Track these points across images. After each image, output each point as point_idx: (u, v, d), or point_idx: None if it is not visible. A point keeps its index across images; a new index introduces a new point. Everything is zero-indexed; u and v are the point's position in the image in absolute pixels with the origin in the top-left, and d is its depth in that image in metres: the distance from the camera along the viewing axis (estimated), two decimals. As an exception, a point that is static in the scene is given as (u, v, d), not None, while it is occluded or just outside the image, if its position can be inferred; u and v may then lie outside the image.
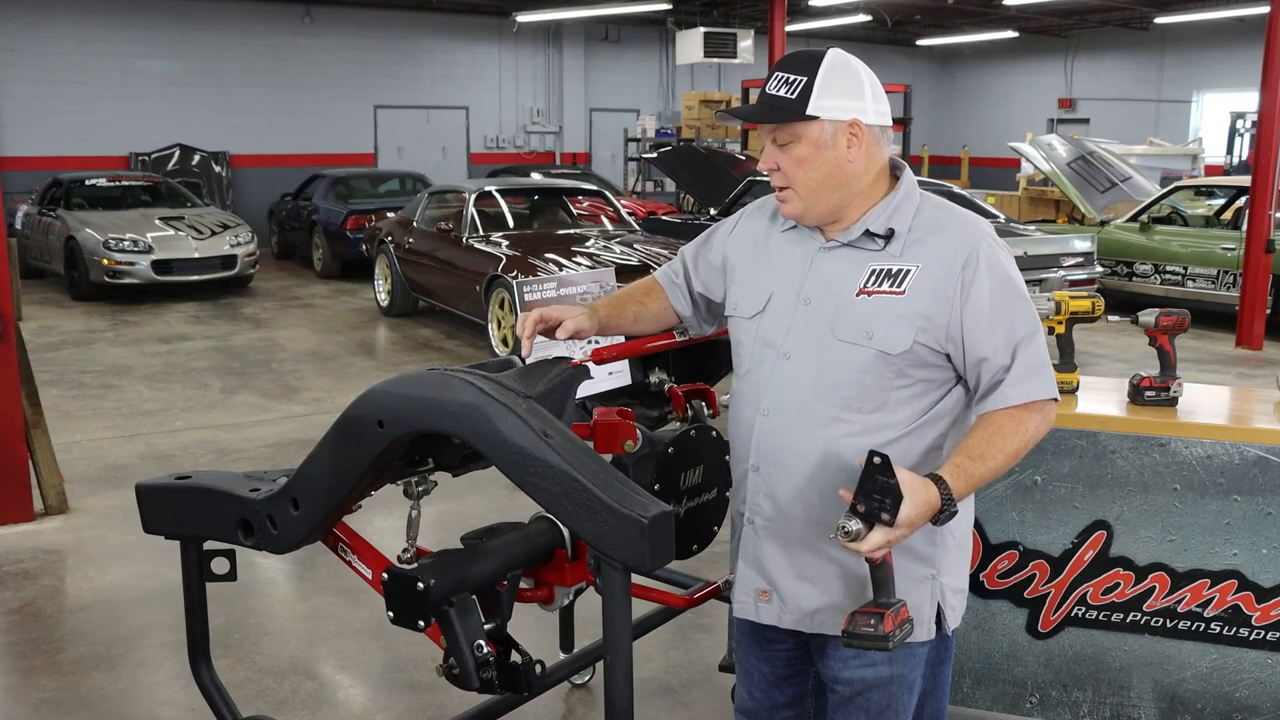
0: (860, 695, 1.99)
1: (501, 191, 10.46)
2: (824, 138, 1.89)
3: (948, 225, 1.92)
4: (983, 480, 1.85)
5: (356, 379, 8.03)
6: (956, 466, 1.82)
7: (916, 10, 18.98)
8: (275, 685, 3.61)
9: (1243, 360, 9.11)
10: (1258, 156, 9.50)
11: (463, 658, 2.02)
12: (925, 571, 1.96)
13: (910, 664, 1.98)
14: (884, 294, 1.89)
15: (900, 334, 1.87)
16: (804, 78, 1.88)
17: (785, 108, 1.89)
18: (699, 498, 2.54)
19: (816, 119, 1.88)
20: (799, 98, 1.88)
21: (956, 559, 2.00)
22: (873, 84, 1.95)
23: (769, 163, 1.95)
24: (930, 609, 1.97)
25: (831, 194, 1.92)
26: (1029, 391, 1.86)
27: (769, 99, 1.92)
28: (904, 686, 1.99)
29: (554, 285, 2.56)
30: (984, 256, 1.87)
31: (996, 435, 1.85)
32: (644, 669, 3.60)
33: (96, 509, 5.26)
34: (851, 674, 1.98)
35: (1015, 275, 1.91)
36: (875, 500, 1.72)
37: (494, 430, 1.82)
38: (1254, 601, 2.82)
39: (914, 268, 1.89)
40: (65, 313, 10.94)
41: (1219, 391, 3.40)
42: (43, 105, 15.66)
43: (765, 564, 2.03)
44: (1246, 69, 14.48)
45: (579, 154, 20.15)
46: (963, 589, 2.04)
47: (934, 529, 1.89)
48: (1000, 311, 1.86)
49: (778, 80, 1.91)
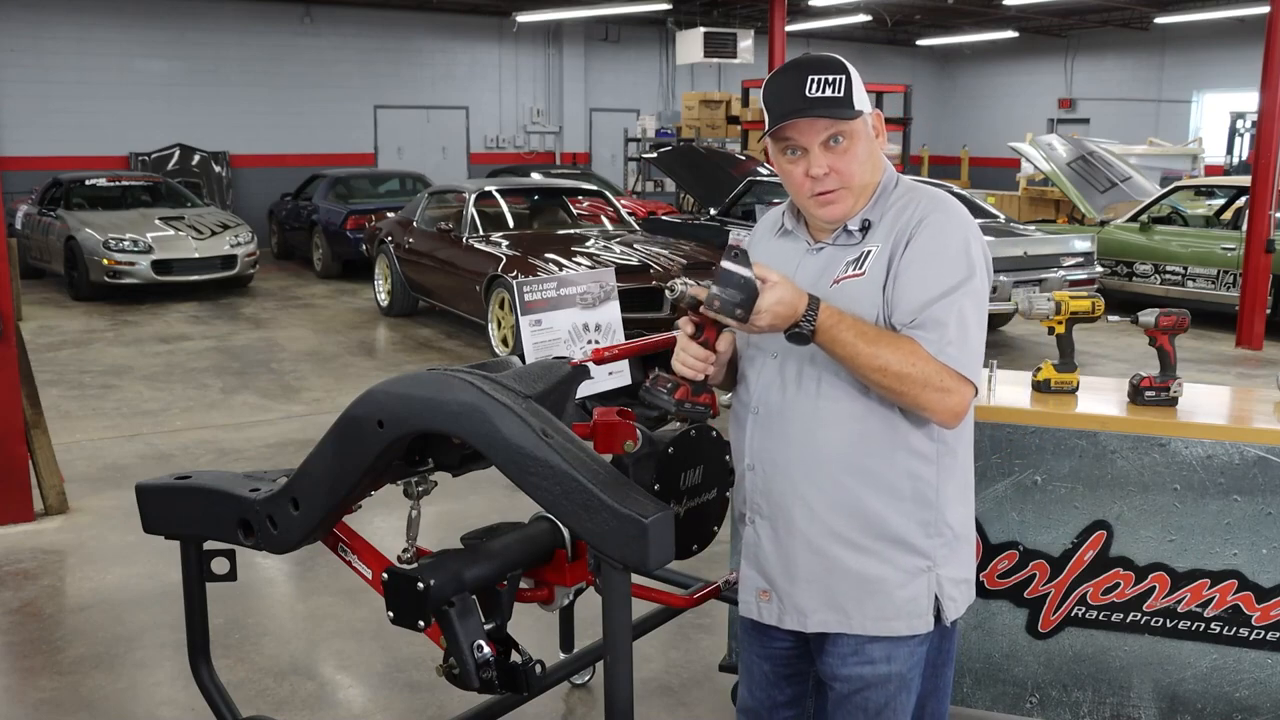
0: (858, 693, 1.99)
1: (501, 191, 10.46)
2: (867, 130, 1.95)
3: (911, 204, 1.94)
4: (849, 346, 1.81)
5: (356, 379, 8.03)
6: (840, 312, 1.82)
7: (916, 10, 18.98)
8: (275, 685, 3.61)
9: (1243, 360, 9.10)
10: (1258, 156, 9.50)
11: (463, 658, 2.02)
12: (920, 564, 1.95)
13: (909, 662, 1.98)
14: (850, 278, 1.93)
15: (865, 314, 1.87)
16: (842, 76, 1.91)
17: (840, 105, 1.91)
18: (699, 498, 2.54)
19: (862, 113, 1.94)
20: (846, 94, 1.91)
21: (955, 549, 1.99)
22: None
23: (820, 166, 1.93)
24: (927, 600, 1.96)
25: (871, 183, 1.97)
26: (920, 337, 1.83)
27: (820, 100, 1.90)
28: (902, 685, 1.98)
29: (554, 285, 2.56)
30: (930, 222, 1.89)
31: (886, 335, 1.83)
32: (644, 669, 3.60)
33: (96, 509, 5.26)
34: (849, 671, 1.98)
35: (956, 241, 1.88)
36: (730, 294, 1.75)
37: (494, 430, 1.82)
38: (1254, 601, 2.82)
39: (874, 248, 1.92)
40: (65, 313, 10.94)
41: (1219, 391, 3.40)
42: (42, 105, 15.65)
43: (764, 563, 2.03)
44: (1246, 69, 14.48)
45: (579, 154, 20.15)
46: (965, 579, 2.03)
47: (930, 520, 1.93)
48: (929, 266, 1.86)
49: (818, 83, 1.91)
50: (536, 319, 2.48)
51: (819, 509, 1.95)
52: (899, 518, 1.93)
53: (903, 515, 1.94)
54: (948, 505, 1.97)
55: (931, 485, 1.94)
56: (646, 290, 7.96)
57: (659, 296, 8.11)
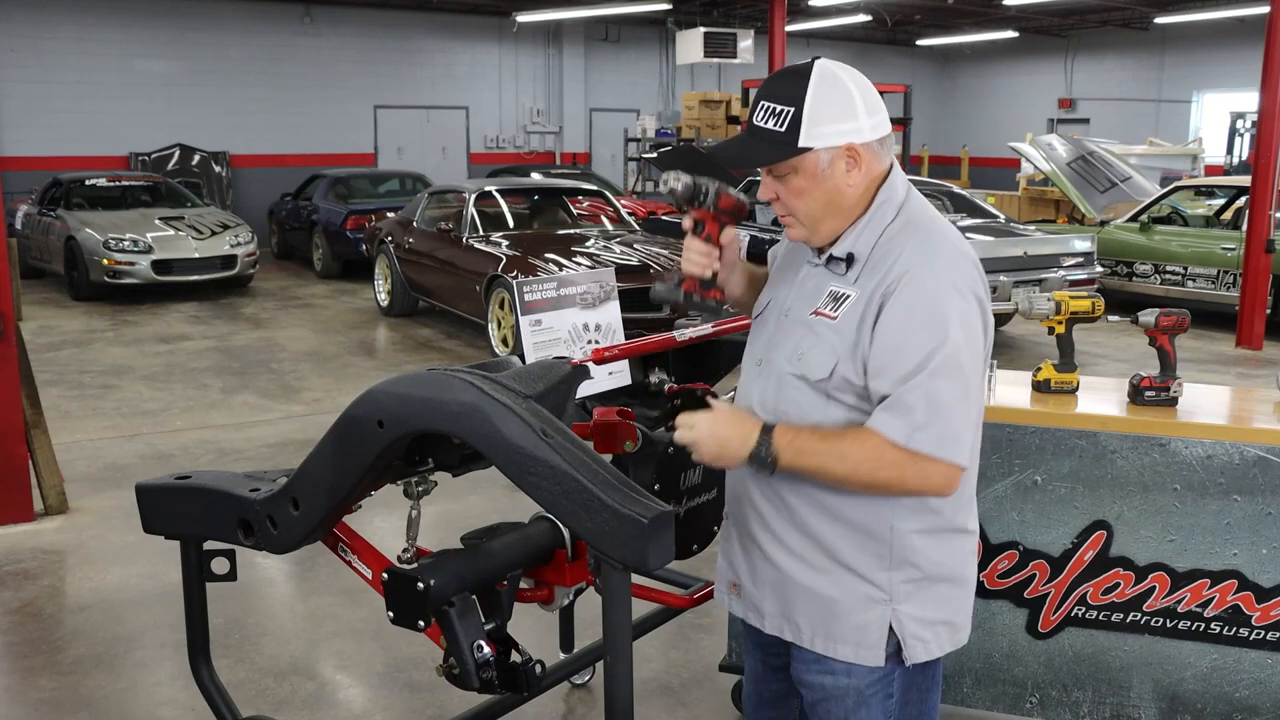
0: (820, 703, 1.94)
1: (501, 191, 10.46)
2: (821, 167, 1.80)
3: (897, 250, 1.79)
4: (817, 470, 1.76)
5: (356, 379, 8.03)
6: (796, 432, 1.77)
7: (916, 10, 18.98)
8: (275, 685, 3.61)
9: (1243, 360, 9.10)
10: (1258, 156, 9.49)
11: (463, 658, 2.02)
12: (874, 594, 1.85)
13: (868, 679, 1.88)
14: (823, 317, 1.82)
15: (822, 360, 1.80)
16: (791, 108, 1.77)
17: (777, 142, 1.78)
18: (699, 498, 2.54)
19: (811, 149, 1.78)
20: (789, 130, 1.77)
21: (924, 589, 1.85)
22: (864, 94, 1.81)
23: (767, 193, 1.87)
24: (879, 633, 1.84)
25: (835, 219, 1.84)
26: (887, 424, 1.71)
27: (758, 133, 1.80)
28: (860, 701, 1.89)
29: (554, 285, 2.56)
30: (909, 280, 1.74)
31: (849, 441, 1.74)
32: (644, 669, 3.60)
33: (96, 509, 5.26)
34: (811, 679, 1.93)
35: (927, 304, 1.73)
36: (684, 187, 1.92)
37: (494, 430, 1.82)
38: (1254, 601, 2.82)
39: (853, 293, 1.80)
40: (65, 313, 10.94)
41: (1219, 391, 3.40)
42: (42, 105, 15.65)
43: (733, 559, 2.04)
44: (1246, 69, 14.48)
45: (579, 154, 20.15)
46: (942, 621, 1.88)
47: (883, 554, 1.83)
48: (901, 335, 1.72)
49: (764, 111, 1.80)
50: (536, 319, 2.48)
51: (770, 522, 1.91)
52: (847, 545, 1.85)
53: (852, 545, 1.84)
54: (909, 543, 1.83)
55: (884, 521, 1.82)
56: (646, 290, 7.95)
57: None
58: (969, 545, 1.93)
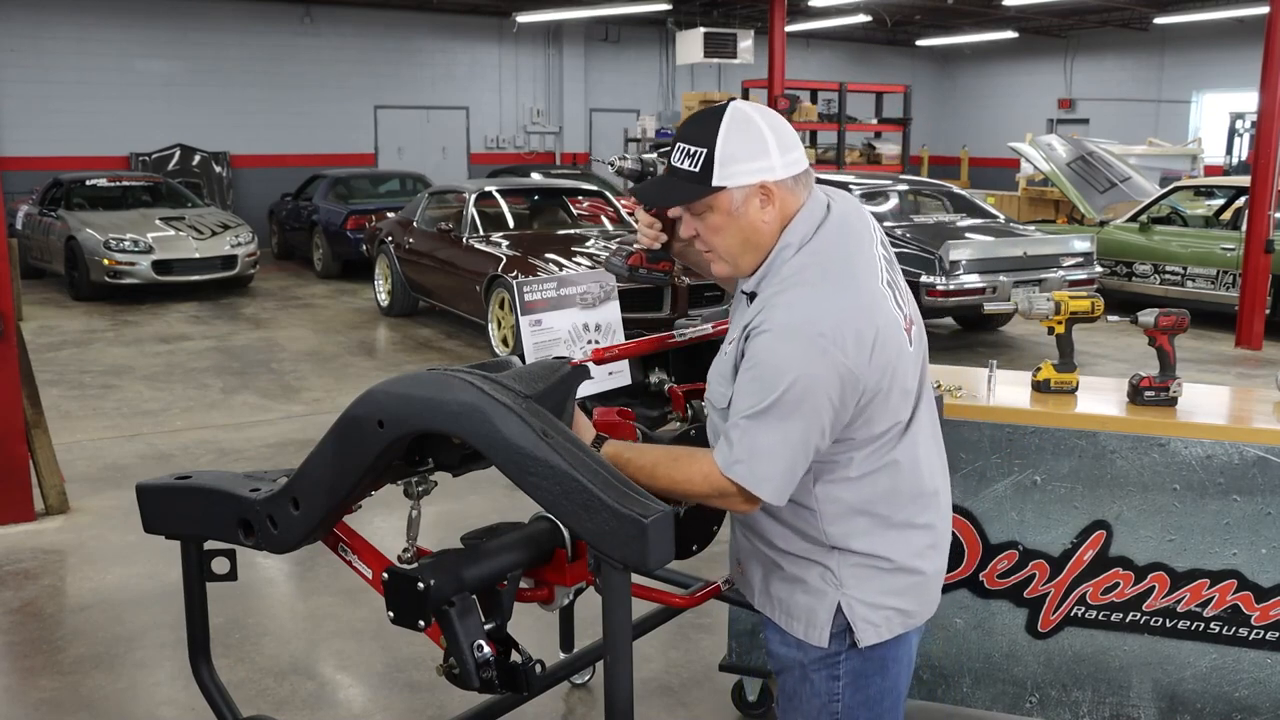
0: (779, 672, 2.06)
1: (501, 192, 10.47)
2: (734, 205, 1.86)
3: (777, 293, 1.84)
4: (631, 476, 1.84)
5: (356, 379, 8.04)
6: (624, 445, 1.98)
7: (916, 10, 18.98)
8: (275, 685, 3.61)
9: (1242, 360, 9.11)
10: (1257, 156, 9.50)
11: (463, 658, 2.02)
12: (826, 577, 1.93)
13: (813, 654, 1.96)
14: (726, 348, 1.95)
15: (719, 391, 1.92)
16: (704, 149, 1.84)
17: (692, 181, 1.86)
18: (699, 498, 2.53)
19: (724, 189, 1.85)
20: (703, 170, 1.85)
21: (870, 578, 1.93)
22: (778, 133, 1.86)
23: (688, 231, 1.96)
24: (826, 615, 1.93)
25: (753, 254, 1.91)
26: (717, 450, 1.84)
27: (676, 172, 1.90)
28: (804, 676, 1.98)
29: (554, 285, 2.56)
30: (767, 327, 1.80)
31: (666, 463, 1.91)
32: (644, 669, 3.61)
33: (97, 509, 5.26)
34: (774, 649, 2.04)
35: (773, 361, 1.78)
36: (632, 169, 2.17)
37: (494, 430, 1.82)
38: (1253, 601, 2.82)
39: (739, 329, 1.89)
40: (65, 313, 10.94)
41: (1219, 391, 3.40)
42: (42, 105, 15.66)
43: (737, 539, 2.14)
44: (1246, 69, 14.48)
45: (579, 154, 20.15)
46: (895, 608, 1.94)
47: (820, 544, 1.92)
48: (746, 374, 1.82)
49: (680, 152, 1.88)
50: (536, 319, 2.47)
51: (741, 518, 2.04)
52: (782, 535, 1.96)
53: (785, 537, 1.96)
54: (845, 539, 1.91)
55: (812, 523, 1.92)
56: (646, 290, 7.96)
57: (659, 296, 8.11)
58: (922, 539, 1.98)
